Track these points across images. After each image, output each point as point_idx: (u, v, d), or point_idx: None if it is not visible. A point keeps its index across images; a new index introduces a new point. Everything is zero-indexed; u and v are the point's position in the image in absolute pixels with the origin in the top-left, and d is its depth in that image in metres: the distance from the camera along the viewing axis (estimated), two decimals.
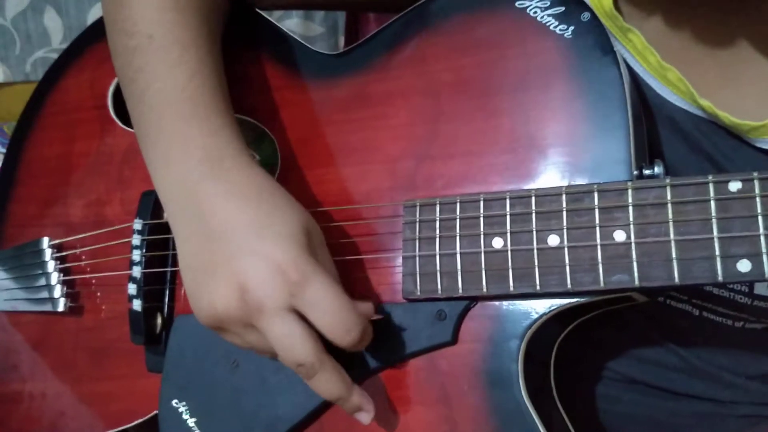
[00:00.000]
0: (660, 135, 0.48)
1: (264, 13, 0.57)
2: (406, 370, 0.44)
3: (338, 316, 0.38)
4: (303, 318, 0.39)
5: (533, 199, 0.41)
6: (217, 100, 0.46)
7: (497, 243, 0.41)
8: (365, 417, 0.41)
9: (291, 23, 1.07)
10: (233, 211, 0.41)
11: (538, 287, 0.40)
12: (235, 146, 0.44)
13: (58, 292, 0.58)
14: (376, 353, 0.44)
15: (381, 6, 0.57)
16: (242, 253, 0.39)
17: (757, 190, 0.36)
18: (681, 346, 0.53)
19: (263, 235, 0.39)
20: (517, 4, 0.45)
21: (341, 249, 0.46)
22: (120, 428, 0.54)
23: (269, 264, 0.38)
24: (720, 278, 0.36)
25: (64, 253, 0.59)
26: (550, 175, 0.42)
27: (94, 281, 0.57)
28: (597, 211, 0.39)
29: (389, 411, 0.44)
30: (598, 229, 0.39)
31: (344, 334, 0.38)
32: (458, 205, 0.43)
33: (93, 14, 1.08)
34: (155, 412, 0.51)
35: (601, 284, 0.39)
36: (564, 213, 0.40)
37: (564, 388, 0.45)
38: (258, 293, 0.38)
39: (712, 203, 0.37)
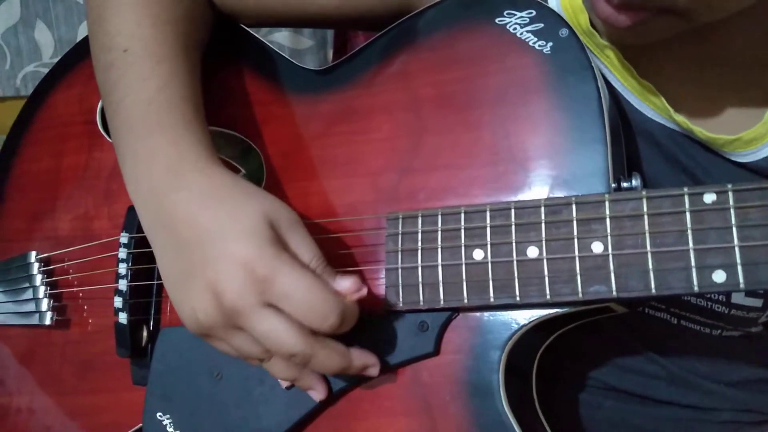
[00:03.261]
0: (638, 148, 0.49)
1: (251, 29, 0.58)
2: (389, 381, 0.44)
3: (311, 305, 0.38)
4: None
5: (513, 211, 0.41)
6: (184, 110, 0.46)
7: (478, 255, 0.42)
8: (374, 371, 0.42)
9: (280, 36, 1.08)
10: (196, 216, 0.41)
11: (518, 298, 0.40)
12: (197, 151, 0.44)
13: (44, 305, 0.58)
14: None
15: (365, 25, 0.58)
16: (210, 258, 0.39)
17: (731, 202, 0.37)
18: (660, 354, 0.54)
19: (225, 236, 0.39)
20: (497, 20, 0.46)
21: None
22: None
23: (235, 264, 0.38)
24: (696, 288, 0.37)
25: (51, 267, 0.60)
26: (529, 188, 0.43)
27: (81, 295, 0.58)
28: (575, 223, 0.40)
29: (371, 422, 0.44)
30: (576, 240, 0.40)
31: (321, 322, 0.38)
32: (440, 217, 0.43)
33: (83, 28, 1.08)
34: (141, 425, 0.51)
35: (580, 295, 0.39)
36: (543, 225, 0.40)
37: (545, 397, 0.45)
38: (230, 296, 0.38)
39: (688, 215, 0.37)
